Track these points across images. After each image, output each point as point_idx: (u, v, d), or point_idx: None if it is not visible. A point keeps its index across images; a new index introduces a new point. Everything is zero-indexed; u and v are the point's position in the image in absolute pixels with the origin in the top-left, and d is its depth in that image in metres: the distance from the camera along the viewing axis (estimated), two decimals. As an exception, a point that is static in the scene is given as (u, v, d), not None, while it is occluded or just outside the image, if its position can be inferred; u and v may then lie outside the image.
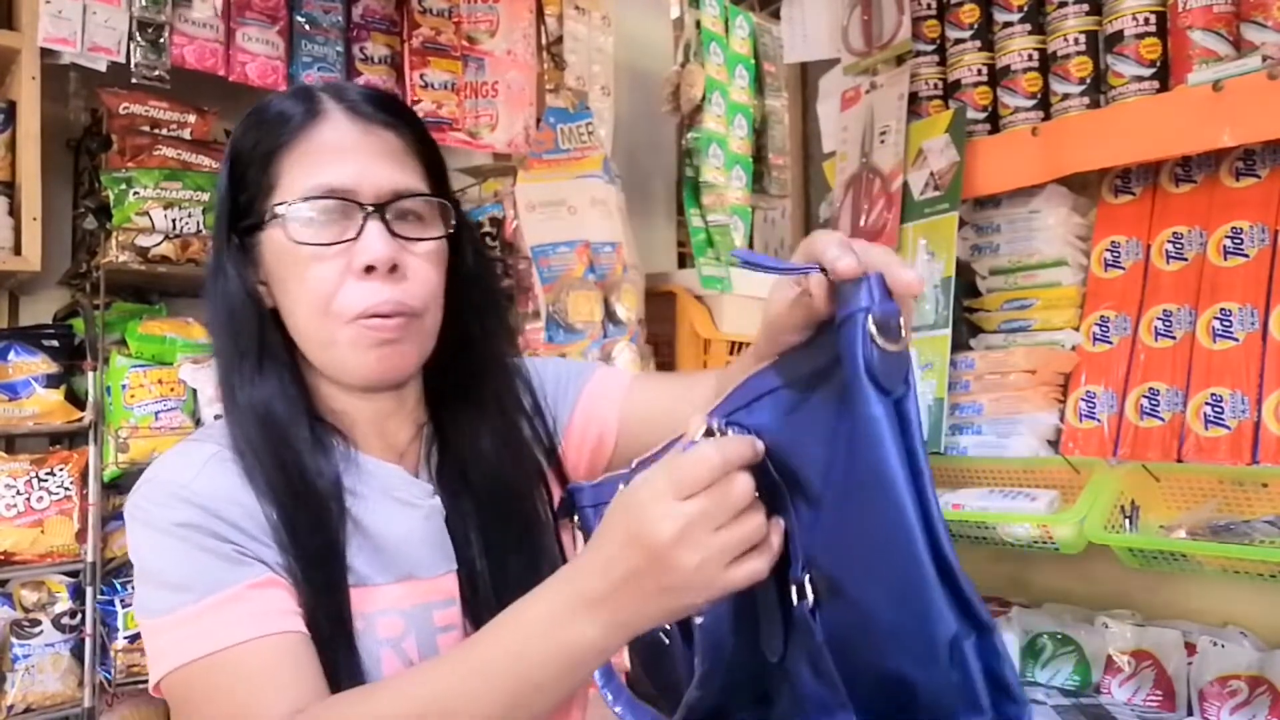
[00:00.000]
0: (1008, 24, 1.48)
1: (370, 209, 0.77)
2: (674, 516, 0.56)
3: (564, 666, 0.61)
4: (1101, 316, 1.40)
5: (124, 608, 1.71)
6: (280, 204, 0.77)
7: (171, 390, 1.82)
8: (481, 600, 0.81)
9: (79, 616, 1.73)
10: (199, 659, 0.69)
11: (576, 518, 0.87)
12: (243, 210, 0.81)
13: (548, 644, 0.61)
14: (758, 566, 0.57)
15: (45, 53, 1.76)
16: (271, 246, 0.79)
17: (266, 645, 0.70)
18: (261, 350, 0.80)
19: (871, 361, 0.52)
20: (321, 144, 0.78)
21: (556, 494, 0.91)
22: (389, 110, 0.81)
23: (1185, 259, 1.34)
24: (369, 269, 0.77)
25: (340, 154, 0.78)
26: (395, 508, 0.82)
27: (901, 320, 0.54)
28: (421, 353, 0.83)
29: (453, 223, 0.83)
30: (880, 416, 0.52)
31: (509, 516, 0.85)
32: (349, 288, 0.77)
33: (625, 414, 0.94)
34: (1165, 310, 1.33)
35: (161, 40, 1.86)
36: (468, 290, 0.87)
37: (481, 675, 0.63)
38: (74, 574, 1.75)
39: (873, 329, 0.52)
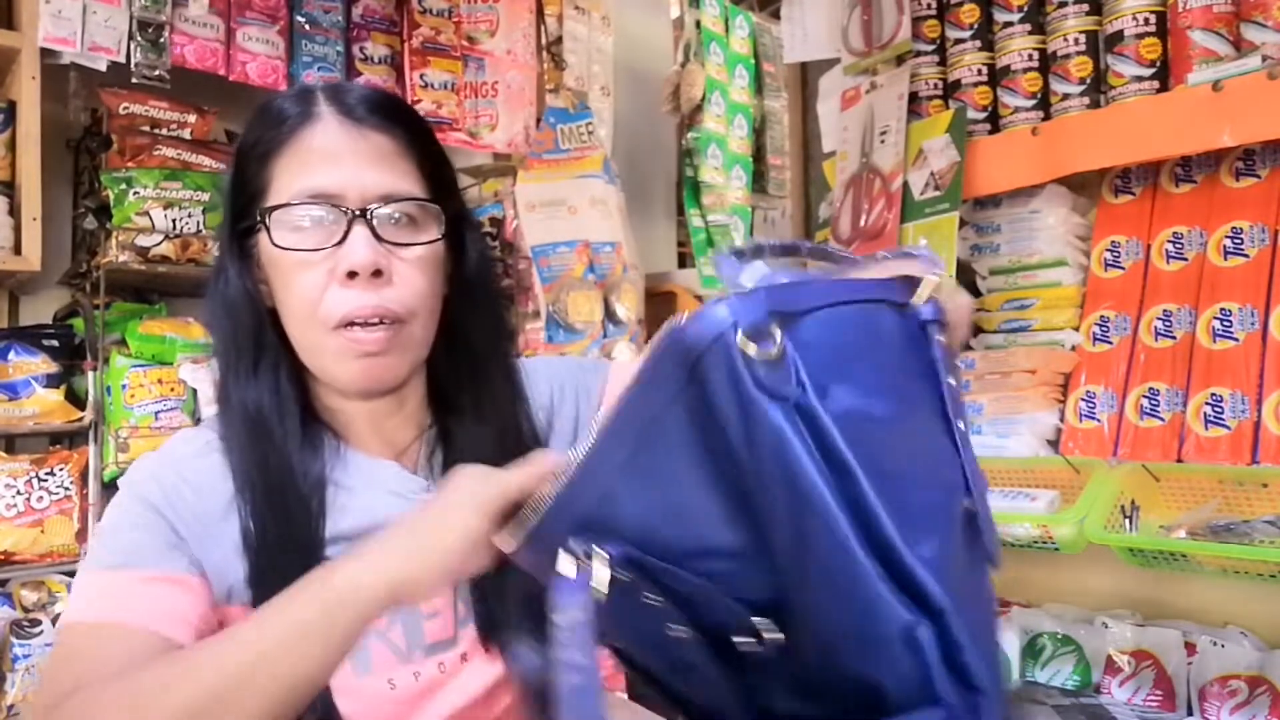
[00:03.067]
0: (1008, 24, 1.48)
1: (356, 213, 0.76)
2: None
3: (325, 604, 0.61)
4: (1101, 316, 1.40)
5: (124, 608, 1.71)
6: (269, 207, 0.77)
7: (171, 390, 1.82)
8: (468, 585, 0.82)
9: (79, 616, 1.73)
10: (77, 621, 0.72)
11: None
12: (242, 211, 0.81)
13: (309, 586, 0.62)
14: None
15: (45, 53, 1.76)
16: (265, 249, 0.79)
17: (129, 634, 0.70)
18: (258, 349, 0.80)
19: (754, 375, 0.48)
20: (311, 147, 0.78)
21: None
22: (383, 113, 0.80)
23: (1185, 259, 1.34)
24: (352, 274, 0.76)
25: (328, 158, 0.77)
26: (387, 500, 0.83)
27: (775, 330, 0.50)
28: (411, 361, 0.82)
29: (442, 229, 0.82)
30: (781, 424, 0.49)
31: None
32: (333, 294, 0.77)
33: None
34: (1165, 310, 1.33)
35: (161, 40, 1.86)
36: (469, 293, 0.86)
37: (253, 624, 0.62)
38: (74, 574, 1.74)
39: (743, 343, 0.49)
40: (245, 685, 0.59)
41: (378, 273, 0.76)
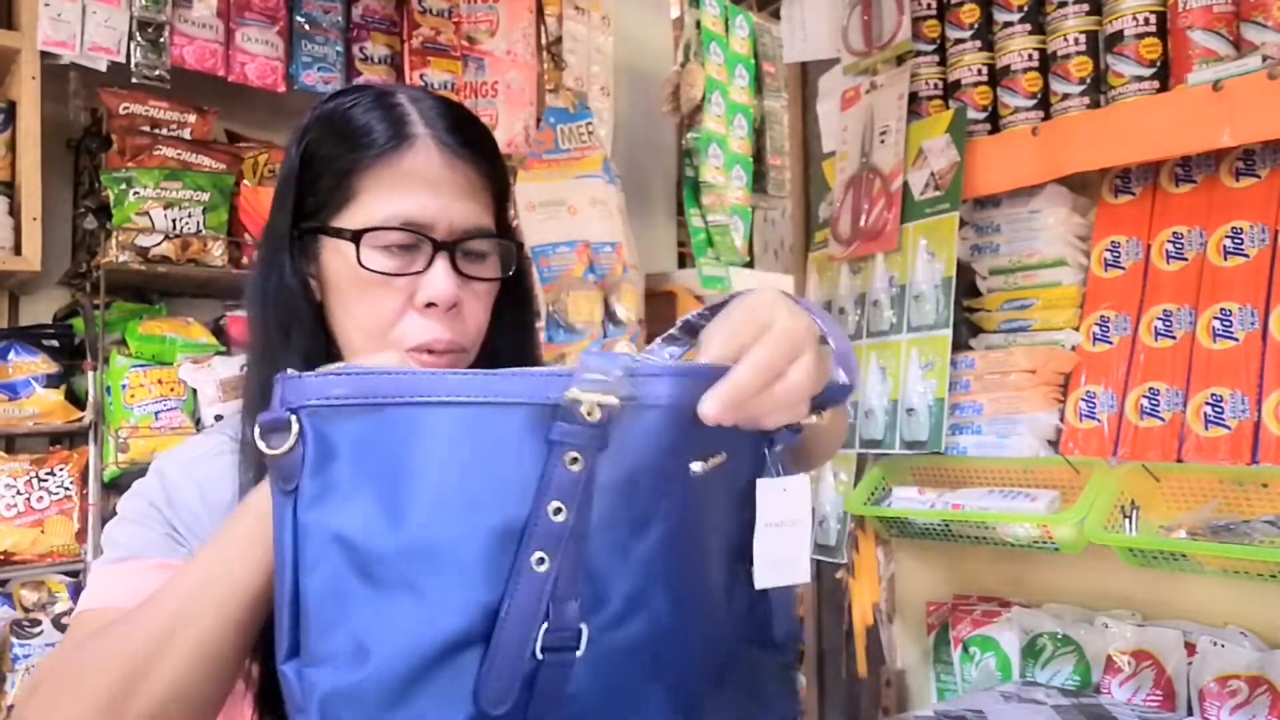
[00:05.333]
0: (1008, 24, 1.48)
1: (441, 245, 0.78)
2: None
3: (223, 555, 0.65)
4: (1101, 316, 1.40)
5: (124, 608, 1.71)
6: (355, 225, 0.77)
7: (171, 390, 1.82)
8: None
9: (79, 616, 1.73)
10: (87, 609, 0.74)
11: None
12: (309, 211, 0.81)
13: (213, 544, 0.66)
14: None
15: (45, 53, 1.76)
16: (335, 257, 0.79)
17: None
18: (306, 344, 0.80)
19: (269, 464, 0.57)
20: (406, 172, 0.78)
21: None
22: (473, 143, 0.81)
23: (1185, 259, 1.34)
24: (430, 304, 0.78)
25: (423, 186, 0.78)
26: None
27: (292, 425, 0.56)
28: None
29: (512, 265, 0.83)
30: (284, 513, 0.57)
31: None
32: (409, 320, 0.78)
33: None
34: (1165, 310, 1.33)
35: (161, 40, 1.86)
36: (507, 308, 0.88)
37: (193, 561, 0.67)
38: (74, 574, 1.75)
39: (257, 435, 0.56)
40: (198, 608, 0.63)
41: (453, 305, 0.78)
